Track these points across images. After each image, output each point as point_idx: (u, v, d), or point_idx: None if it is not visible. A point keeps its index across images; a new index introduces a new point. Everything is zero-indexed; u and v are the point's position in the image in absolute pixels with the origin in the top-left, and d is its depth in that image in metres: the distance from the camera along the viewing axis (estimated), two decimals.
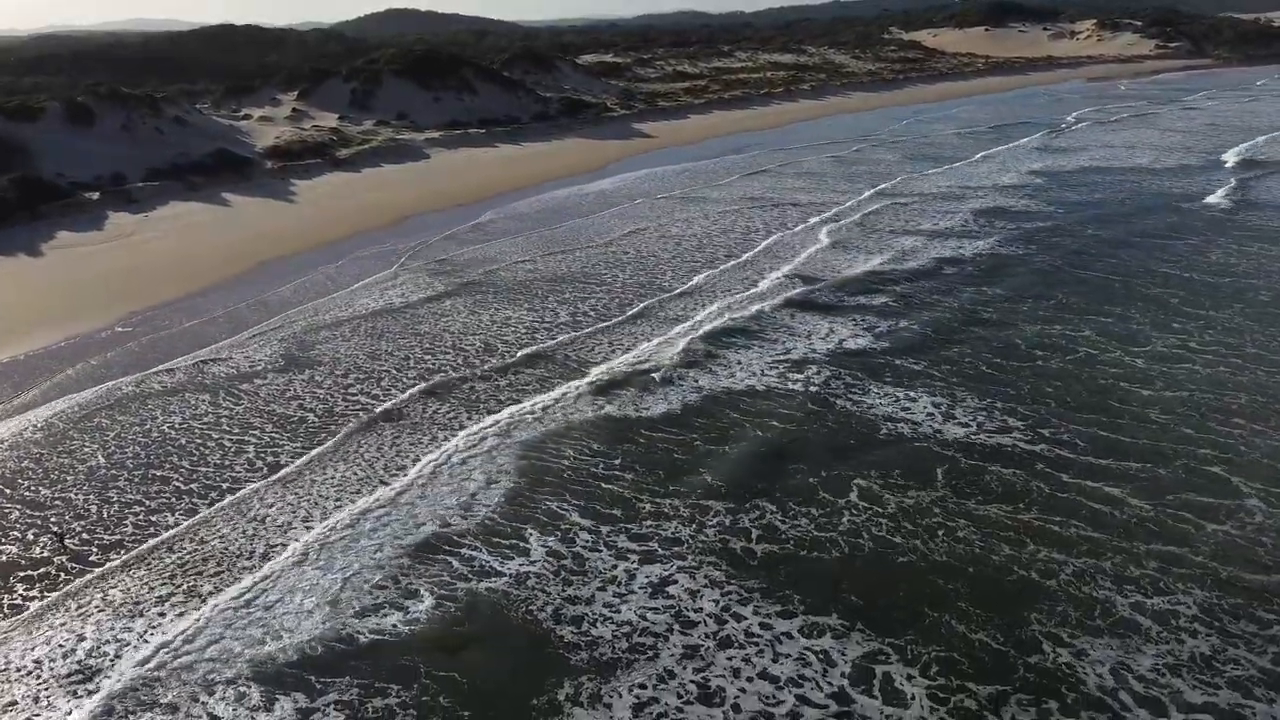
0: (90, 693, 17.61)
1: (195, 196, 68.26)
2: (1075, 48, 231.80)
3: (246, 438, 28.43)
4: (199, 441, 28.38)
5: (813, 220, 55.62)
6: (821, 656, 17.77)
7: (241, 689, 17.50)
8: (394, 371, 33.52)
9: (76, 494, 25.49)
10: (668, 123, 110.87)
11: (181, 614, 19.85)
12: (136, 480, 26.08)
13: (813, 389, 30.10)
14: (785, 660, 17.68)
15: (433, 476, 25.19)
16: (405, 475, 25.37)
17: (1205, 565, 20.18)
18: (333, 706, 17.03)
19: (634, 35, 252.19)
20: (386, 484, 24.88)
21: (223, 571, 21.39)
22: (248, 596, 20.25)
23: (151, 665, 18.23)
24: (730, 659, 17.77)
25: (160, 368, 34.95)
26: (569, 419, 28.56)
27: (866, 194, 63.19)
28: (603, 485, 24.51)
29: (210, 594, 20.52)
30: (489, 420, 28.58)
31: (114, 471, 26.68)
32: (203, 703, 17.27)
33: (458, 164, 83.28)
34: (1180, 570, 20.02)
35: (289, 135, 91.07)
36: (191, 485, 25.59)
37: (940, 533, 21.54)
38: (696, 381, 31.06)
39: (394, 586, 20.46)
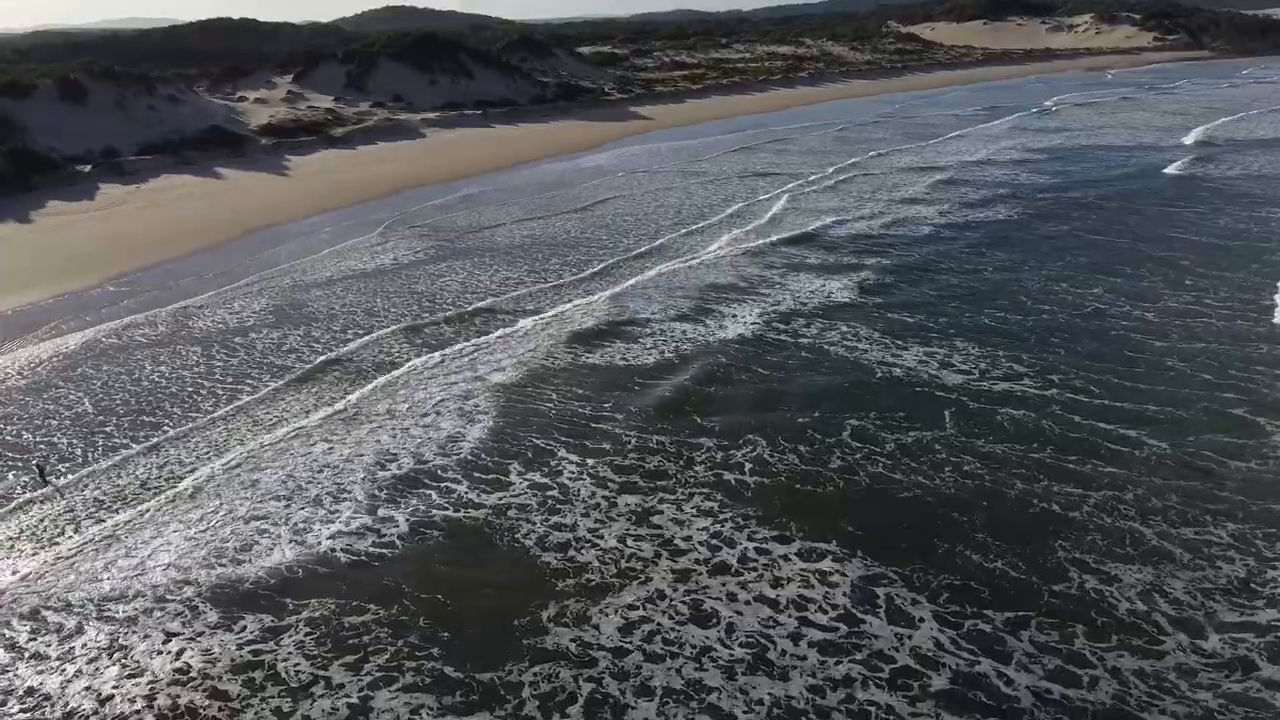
0: None
1: (188, 170, 67.39)
2: (1073, 40, 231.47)
3: (236, 384, 27.61)
4: (179, 386, 27.56)
5: (789, 185, 55.80)
6: (821, 578, 17.02)
7: (197, 606, 16.70)
8: (368, 316, 32.64)
9: (60, 437, 24.65)
10: (665, 106, 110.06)
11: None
12: (120, 421, 25.27)
13: (772, 336, 29.41)
14: (786, 584, 16.91)
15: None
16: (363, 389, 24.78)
17: (1233, 499, 19.39)
18: (304, 624, 16.20)
19: (632, 29, 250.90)
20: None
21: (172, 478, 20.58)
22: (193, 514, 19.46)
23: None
24: (724, 584, 16.98)
25: (142, 316, 34.15)
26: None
27: (846, 162, 63.83)
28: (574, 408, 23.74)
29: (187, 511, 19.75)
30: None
31: (99, 416, 25.82)
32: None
33: (453, 142, 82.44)
34: (1208, 505, 19.17)
35: (284, 114, 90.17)
36: (164, 418, 24.80)
37: (946, 469, 20.70)
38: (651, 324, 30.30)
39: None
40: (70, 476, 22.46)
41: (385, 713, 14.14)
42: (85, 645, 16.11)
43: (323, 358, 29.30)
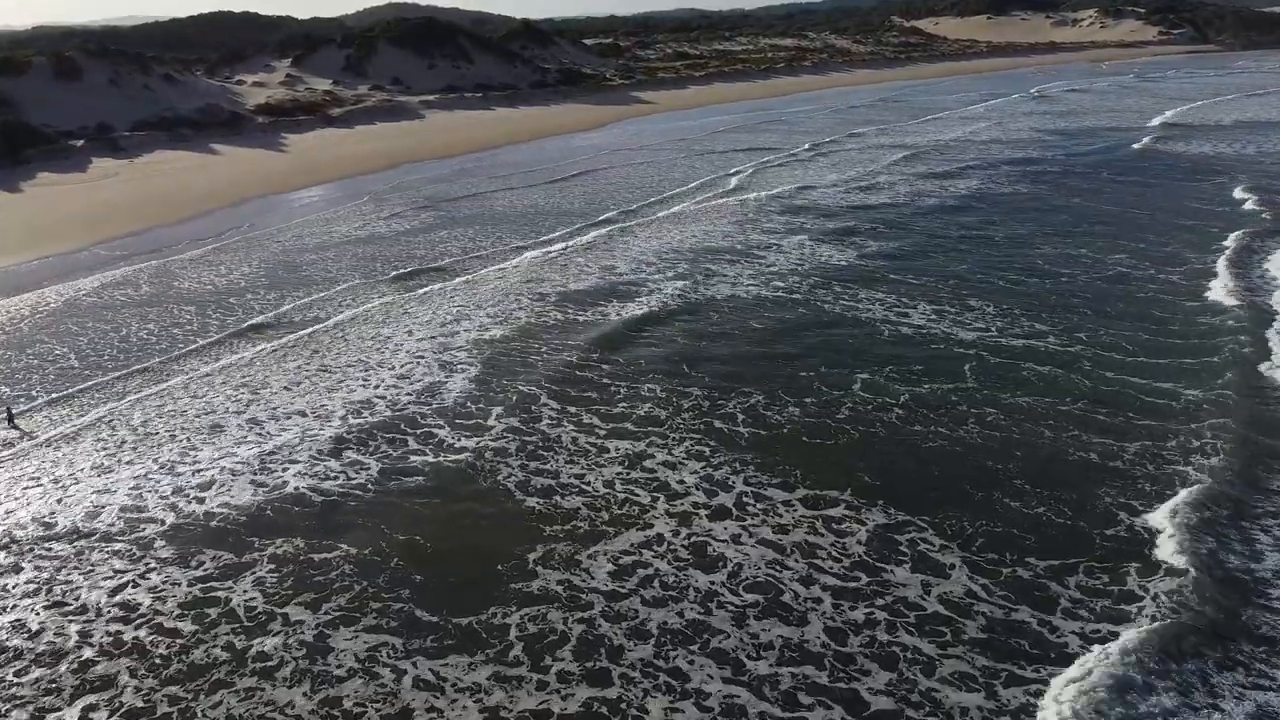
0: None
1: (183, 146, 66.14)
2: (1077, 34, 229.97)
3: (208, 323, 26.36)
4: (155, 338, 26.30)
5: (771, 158, 54.92)
6: (832, 526, 15.65)
7: (154, 542, 15.36)
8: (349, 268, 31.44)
9: (33, 378, 23.42)
10: (668, 92, 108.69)
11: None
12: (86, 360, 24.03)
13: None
14: (793, 530, 15.55)
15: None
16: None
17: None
18: (269, 560, 14.94)
19: (635, 24, 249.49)
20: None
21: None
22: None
23: None
24: (725, 528, 15.66)
25: (122, 274, 32.87)
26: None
27: (827, 139, 63.38)
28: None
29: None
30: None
31: (75, 364, 24.58)
32: None
33: (452, 123, 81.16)
34: (1261, 452, 17.59)
35: (282, 96, 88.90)
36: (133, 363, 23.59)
37: (970, 421, 19.25)
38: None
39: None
40: (38, 417, 21.37)
41: (344, 652, 12.79)
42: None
43: (289, 305, 28.10)
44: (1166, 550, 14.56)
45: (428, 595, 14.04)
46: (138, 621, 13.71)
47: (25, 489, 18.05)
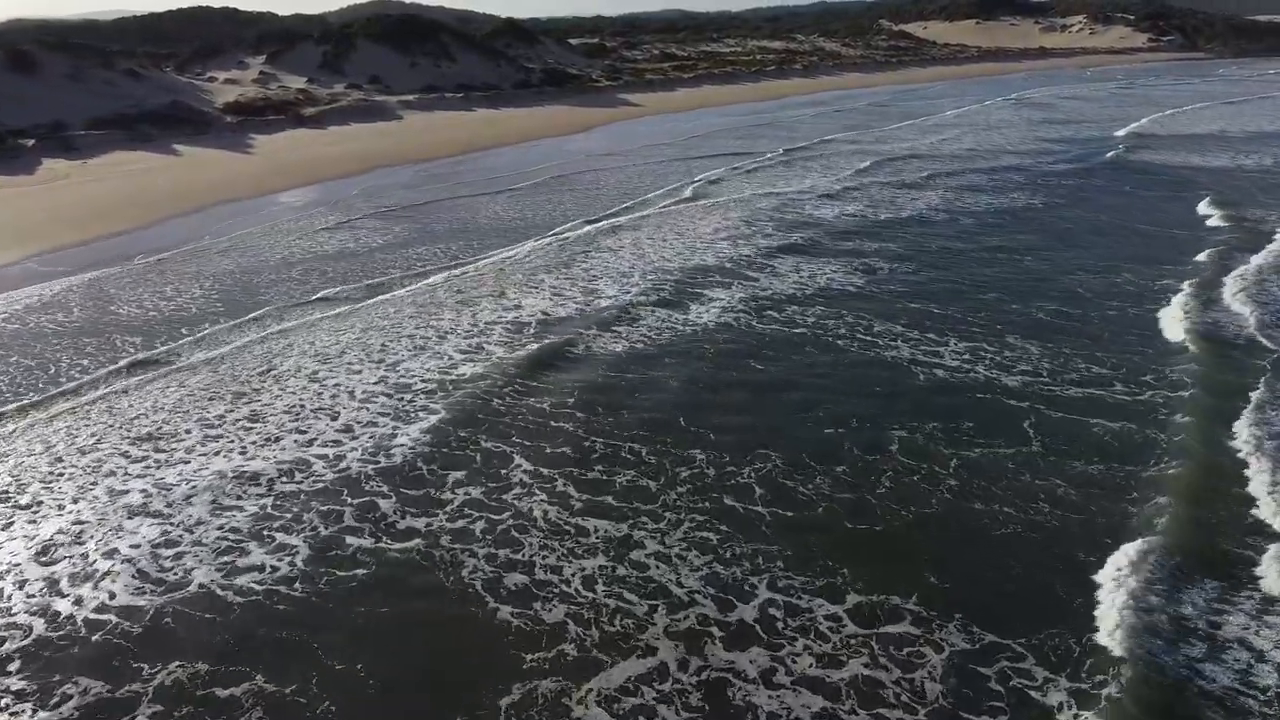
0: None
1: (143, 146, 62.24)
2: (1067, 40, 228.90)
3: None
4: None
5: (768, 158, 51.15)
6: (898, 653, 12.13)
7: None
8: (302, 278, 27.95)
9: None
10: (656, 94, 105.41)
11: None
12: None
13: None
14: (846, 659, 12.05)
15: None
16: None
17: None
18: (155, 697, 11.53)
19: (622, 25, 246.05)
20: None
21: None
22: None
23: None
24: (752, 660, 12.13)
25: (54, 292, 29.23)
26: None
27: (839, 138, 59.11)
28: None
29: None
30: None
31: None
32: None
33: (431, 124, 77.58)
34: None
35: (253, 94, 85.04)
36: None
37: (1041, 499, 15.58)
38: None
39: None
40: None
41: None
42: None
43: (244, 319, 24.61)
44: None
45: None
46: None
47: None
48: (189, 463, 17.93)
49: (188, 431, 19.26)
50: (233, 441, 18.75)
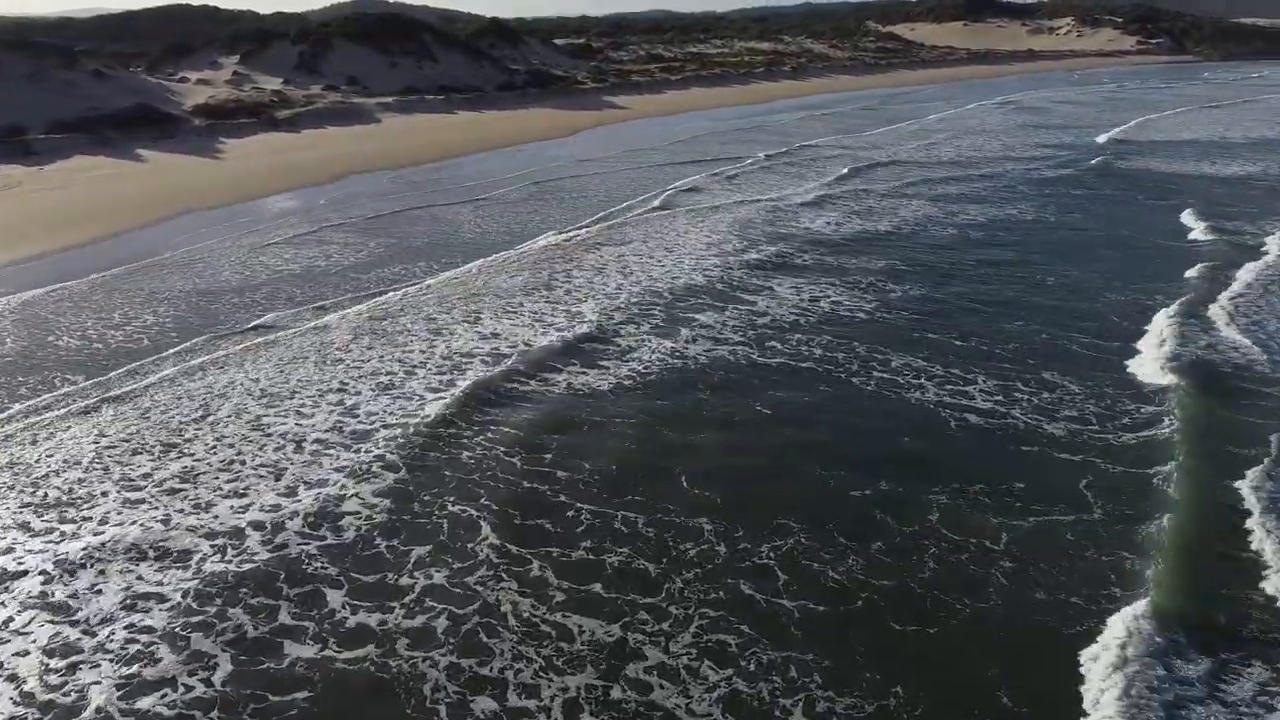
0: None
1: (105, 151, 59.05)
2: (1054, 43, 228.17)
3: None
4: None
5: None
6: None
7: None
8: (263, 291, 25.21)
9: None
10: (643, 96, 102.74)
11: None
12: None
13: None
14: None
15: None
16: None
17: None
18: None
19: (608, 25, 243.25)
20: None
21: None
22: None
23: None
24: None
25: None
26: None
27: (833, 143, 56.61)
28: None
29: None
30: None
31: None
32: None
33: (410, 128, 74.66)
34: None
35: (225, 95, 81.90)
36: None
37: (1111, 578, 13.42)
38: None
39: None
40: None
41: None
42: None
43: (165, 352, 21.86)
44: None
45: None
46: None
47: None
48: (102, 535, 15.19)
49: (104, 494, 16.49)
50: (156, 508, 16.00)
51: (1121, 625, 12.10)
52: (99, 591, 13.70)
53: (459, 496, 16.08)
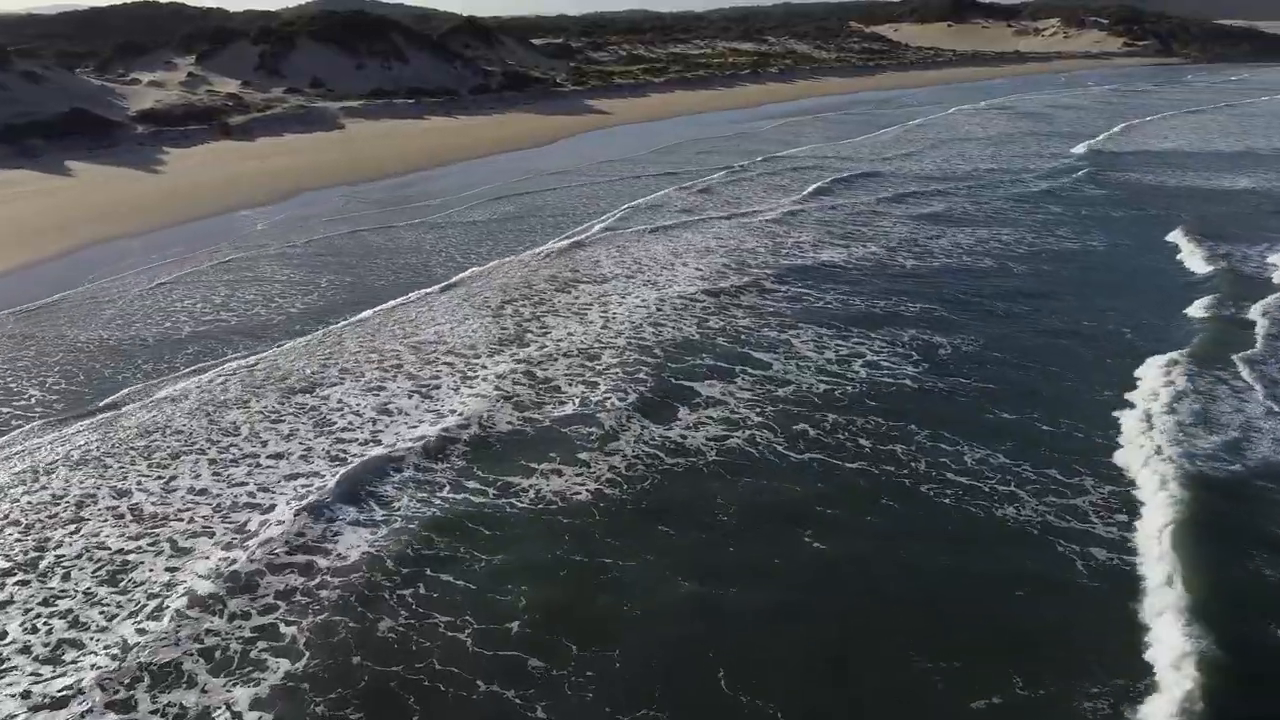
0: None
1: (28, 164, 53.09)
2: (1040, 44, 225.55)
3: None
4: None
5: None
6: None
7: None
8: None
9: None
10: (625, 100, 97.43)
11: None
12: None
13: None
14: None
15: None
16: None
17: None
18: None
19: (587, 24, 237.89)
20: None
21: None
22: None
23: None
24: None
25: None
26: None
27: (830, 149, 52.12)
28: None
29: None
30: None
31: None
32: None
33: (377, 135, 69.05)
34: None
35: (175, 99, 75.95)
36: None
37: None
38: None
39: None
40: None
41: None
42: None
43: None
44: None
45: None
46: None
47: None
48: None
49: None
50: None
51: None
52: None
53: (380, 704, 10.77)
